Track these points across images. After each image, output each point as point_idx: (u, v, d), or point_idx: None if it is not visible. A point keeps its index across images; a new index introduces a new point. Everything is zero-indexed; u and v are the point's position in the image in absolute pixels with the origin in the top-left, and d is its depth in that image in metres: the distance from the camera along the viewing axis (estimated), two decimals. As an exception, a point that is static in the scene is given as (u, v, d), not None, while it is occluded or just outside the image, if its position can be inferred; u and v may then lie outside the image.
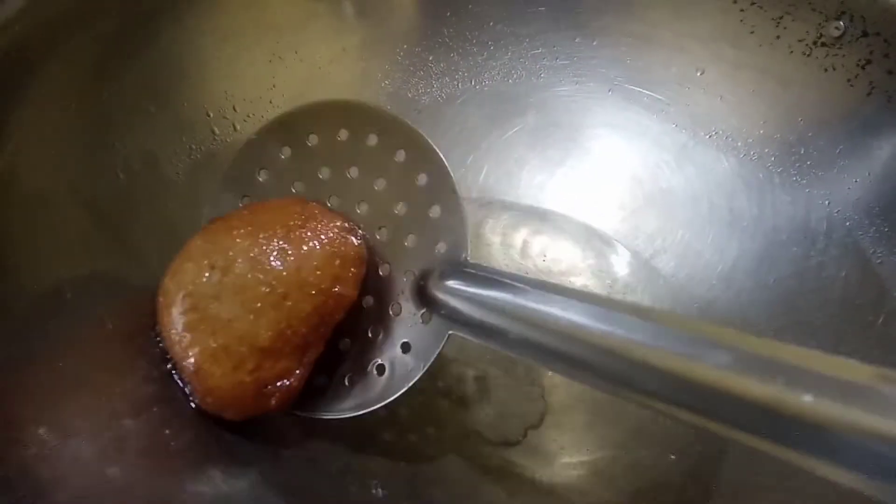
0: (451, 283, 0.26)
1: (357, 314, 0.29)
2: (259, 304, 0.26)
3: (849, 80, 0.36)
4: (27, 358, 0.25)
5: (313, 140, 0.30)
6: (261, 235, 0.28)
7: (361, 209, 0.29)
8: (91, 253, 0.30)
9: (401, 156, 0.28)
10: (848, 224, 0.36)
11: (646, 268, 0.40)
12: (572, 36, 0.42)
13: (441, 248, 0.27)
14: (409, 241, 0.28)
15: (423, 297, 0.27)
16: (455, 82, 0.44)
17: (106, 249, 0.31)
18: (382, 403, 0.28)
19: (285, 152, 0.30)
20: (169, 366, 0.28)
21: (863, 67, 0.36)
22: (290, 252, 0.27)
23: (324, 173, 0.30)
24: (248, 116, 0.38)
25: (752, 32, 0.39)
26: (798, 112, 0.38)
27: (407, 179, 0.28)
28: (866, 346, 0.33)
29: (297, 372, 0.27)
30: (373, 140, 0.28)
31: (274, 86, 0.39)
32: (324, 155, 0.30)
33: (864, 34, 0.36)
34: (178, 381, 0.28)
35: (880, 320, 0.33)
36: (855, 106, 0.36)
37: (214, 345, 0.26)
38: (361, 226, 0.29)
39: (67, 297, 0.28)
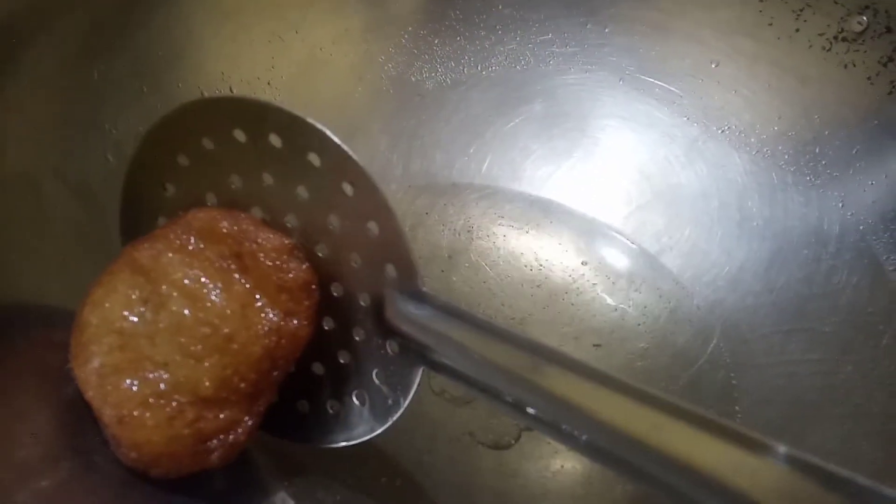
0: (411, 317, 0.24)
1: (320, 337, 0.26)
2: (200, 347, 0.23)
3: (869, 78, 0.35)
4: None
5: (208, 144, 0.26)
6: (195, 263, 0.24)
7: (291, 221, 0.26)
8: (78, 241, 0.30)
9: (315, 160, 0.24)
10: (861, 228, 0.35)
11: (650, 266, 0.39)
12: (583, 22, 0.41)
13: (390, 271, 0.24)
14: (354, 260, 0.25)
15: (386, 327, 0.25)
16: (460, 67, 0.42)
17: (92, 237, 0.30)
18: (369, 437, 0.26)
19: (182, 160, 0.26)
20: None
21: (884, 65, 0.35)
22: (232, 284, 0.24)
23: (235, 182, 0.26)
24: (246, 98, 0.37)
25: (770, 24, 0.37)
26: (815, 109, 0.37)
27: (331, 188, 0.24)
28: (874, 356, 0.32)
29: (246, 422, 0.24)
30: (276, 141, 0.24)
31: (273, 66, 0.38)
32: (227, 160, 0.25)
33: (888, 30, 0.34)
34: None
35: (890, 330, 0.32)
36: (874, 105, 0.35)
37: (147, 391, 0.23)
38: (298, 243, 0.26)
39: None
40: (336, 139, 0.23)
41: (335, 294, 0.26)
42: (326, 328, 0.26)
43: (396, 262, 0.24)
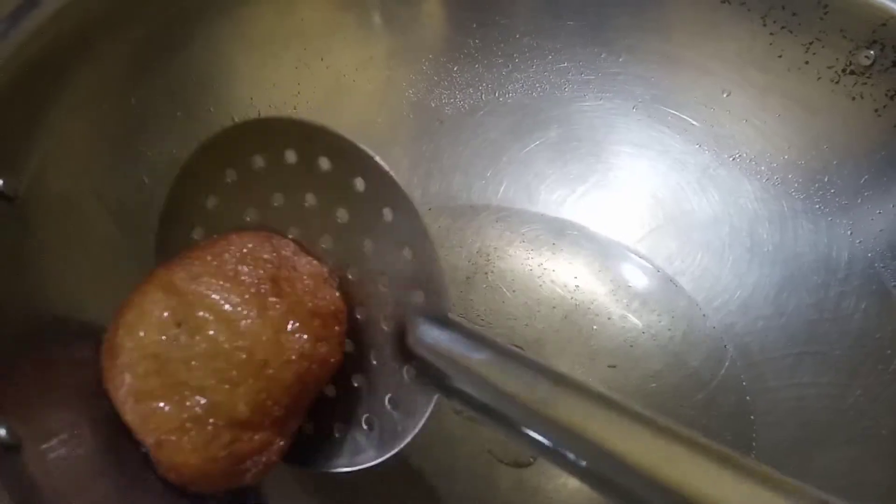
0: (433, 343, 0.24)
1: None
2: (235, 373, 0.23)
3: (876, 111, 0.36)
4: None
5: (258, 162, 0.26)
6: (231, 287, 0.24)
7: (326, 243, 0.26)
8: (115, 258, 0.31)
9: (359, 184, 0.24)
10: (870, 255, 0.36)
11: (664, 288, 0.40)
12: (598, 52, 0.42)
13: (419, 297, 0.24)
14: (382, 284, 0.25)
15: (405, 352, 0.25)
16: (479, 93, 0.44)
17: (128, 254, 0.31)
18: (373, 463, 0.26)
19: (230, 175, 0.27)
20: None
21: (891, 98, 0.36)
22: (266, 309, 0.24)
23: (277, 200, 0.26)
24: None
25: (780, 56, 0.39)
26: (824, 139, 0.38)
27: (371, 213, 0.24)
28: (881, 381, 0.33)
29: (279, 443, 0.24)
30: (325, 164, 0.25)
31: (299, 93, 0.39)
32: (273, 179, 0.26)
33: (895, 64, 0.35)
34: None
35: (898, 355, 0.33)
36: (882, 137, 0.36)
37: (184, 416, 0.23)
38: (333, 270, 0.26)
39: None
40: (385, 165, 0.24)
41: (358, 317, 0.26)
42: (346, 351, 0.26)
43: (427, 287, 0.24)
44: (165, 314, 0.24)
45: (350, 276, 0.26)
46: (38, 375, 0.25)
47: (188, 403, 0.23)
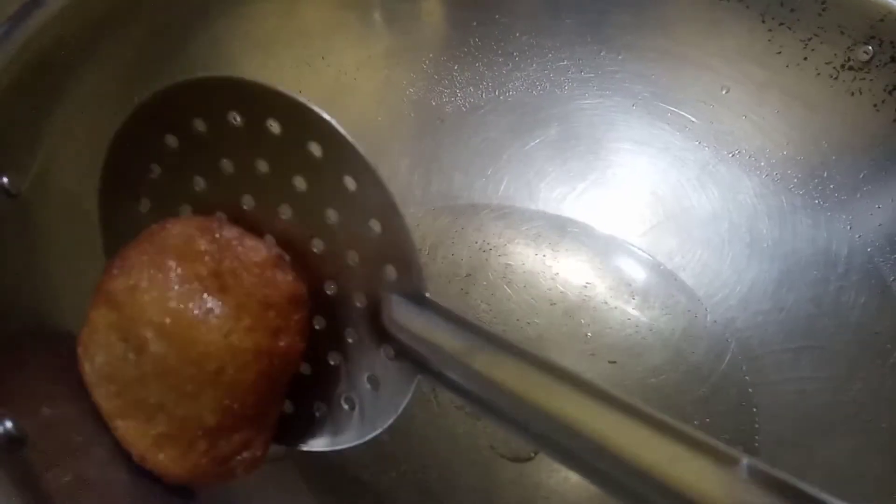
0: (408, 323, 0.22)
1: (310, 337, 0.24)
2: (191, 387, 0.22)
3: (875, 106, 0.36)
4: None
5: (200, 125, 0.23)
6: (169, 294, 0.22)
7: (285, 212, 0.24)
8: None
9: (316, 150, 0.22)
10: (869, 250, 0.36)
11: (664, 283, 0.40)
12: (598, 49, 0.43)
13: (391, 273, 0.22)
14: (351, 258, 0.23)
15: (381, 331, 0.23)
16: (479, 92, 0.44)
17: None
18: (357, 442, 0.25)
19: (170, 141, 0.24)
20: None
21: (890, 93, 0.36)
22: (212, 312, 0.22)
23: (227, 167, 0.24)
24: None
25: (779, 53, 0.39)
26: (823, 135, 0.38)
27: (332, 181, 0.22)
28: (880, 374, 0.33)
29: (260, 438, 0.23)
30: (275, 127, 0.22)
31: (300, 91, 0.39)
32: (219, 144, 0.23)
33: (893, 60, 0.36)
34: None
35: (897, 349, 0.33)
36: (880, 132, 0.36)
37: (153, 432, 0.22)
38: (287, 246, 0.24)
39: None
40: (342, 130, 0.21)
41: (328, 292, 0.24)
42: (317, 328, 0.25)
43: (398, 262, 0.22)
44: (111, 332, 0.23)
45: (315, 249, 0.24)
46: (43, 370, 0.25)
47: (154, 420, 0.22)
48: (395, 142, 0.43)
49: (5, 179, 0.26)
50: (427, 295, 0.22)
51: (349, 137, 0.21)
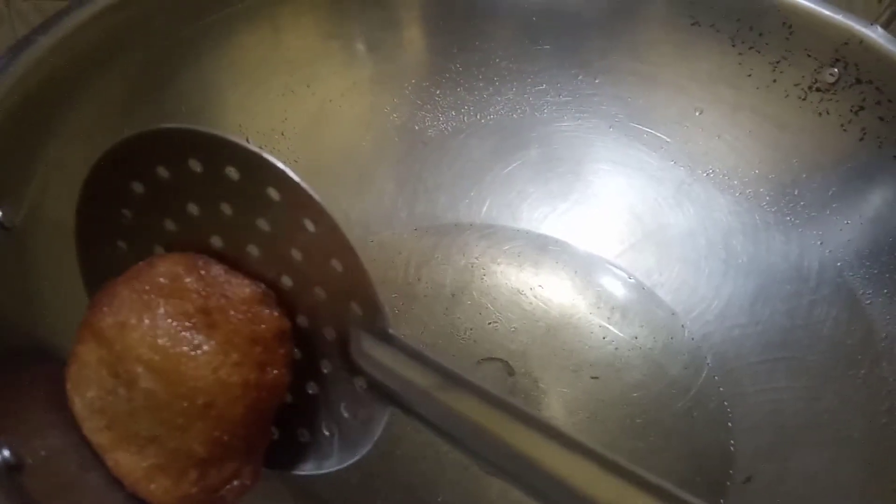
0: (375, 357, 0.23)
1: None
2: (182, 420, 0.22)
3: (842, 126, 0.38)
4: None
5: (163, 172, 0.24)
6: (157, 331, 0.22)
7: (252, 252, 0.24)
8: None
9: (273, 194, 0.23)
10: (839, 264, 0.37)
11: (644, 299, 0.41)
12: (575, 74, 0.44)
13: (356, 309, 0.23)
14: (318, 294, 0.24)
15: (351, 365, 0.24)
16: (461, 116, 0.45)
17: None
18: (339, 467, 0.26)
19: (137, 188, 0.25)
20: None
21: (856, 113, 0.37)
22: (200, 348, 0.22)
23: (193, 209, 0.24)
24: (261, 148, 0.39)
25: (749, 75, 0.40)
26: (793, 154, 0.40)
27: (293, 223, 0.23)
28: (853, 385, 0.34)
29: (249, 467, 0.24)
30: (233, 173, 0.23)
31: (286, 118, 0.41)
32: (184, 189, 0.24)
33: (858, 81, 0.37)
34: None
35: (867, 360, 0.34)
36: (848, 150, 0.38)
37: (144, 465, 0.23)
38: (272, 284, 0.25)
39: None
40: (295, 177, 0.22)
41: (301, 325, 0.25)
42: (295, 358, 0.25)
43: (361, 301, 0.23)
44: (101, 367, 0.23)
45: (284, 286, 0.25)
46: (40, 399, 0.26)
47: (145, 453, 0.23)
48: (381, 165, 0.44)
49: (0, 213, 0.27)
50: (391, 331, 0.23)
51: (304, 184, 0.22)
